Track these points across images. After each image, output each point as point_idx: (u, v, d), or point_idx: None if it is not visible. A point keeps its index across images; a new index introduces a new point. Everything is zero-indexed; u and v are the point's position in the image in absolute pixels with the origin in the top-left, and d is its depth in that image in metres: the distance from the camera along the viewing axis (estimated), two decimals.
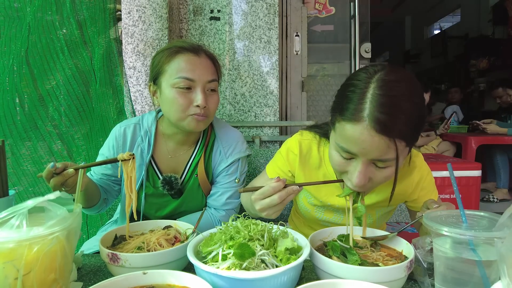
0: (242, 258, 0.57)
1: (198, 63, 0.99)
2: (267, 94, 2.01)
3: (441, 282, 0.58)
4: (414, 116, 0.68)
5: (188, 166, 1.10)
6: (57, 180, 0.79)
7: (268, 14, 1.98)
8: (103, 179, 1.09)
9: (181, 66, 0.98)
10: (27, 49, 1.55)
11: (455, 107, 4.48)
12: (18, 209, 0.52)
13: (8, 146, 1.54)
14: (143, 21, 1.70)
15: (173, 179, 1.08)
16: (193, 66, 0.98)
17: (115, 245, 0.75)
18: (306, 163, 0.95)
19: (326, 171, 0.93)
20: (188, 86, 0.98)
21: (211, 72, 1.02)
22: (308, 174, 0.95)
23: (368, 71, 0.71)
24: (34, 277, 0.51)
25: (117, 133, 1.08)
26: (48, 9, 1.58)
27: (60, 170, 0.79)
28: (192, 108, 0.98)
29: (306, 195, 1.00)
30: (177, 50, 1.00)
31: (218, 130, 1.14)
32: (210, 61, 1.04)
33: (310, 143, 0.95)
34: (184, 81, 0.97)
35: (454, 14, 7.14)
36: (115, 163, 0.82)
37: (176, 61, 0.99)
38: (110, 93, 1.69)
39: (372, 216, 0.97)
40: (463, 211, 0.59)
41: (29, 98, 1.56)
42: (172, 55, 1.00)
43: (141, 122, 1.10)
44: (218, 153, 1.11)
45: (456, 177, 0.66)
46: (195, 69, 0.98)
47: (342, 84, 0.76)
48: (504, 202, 3.44)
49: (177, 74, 0.97)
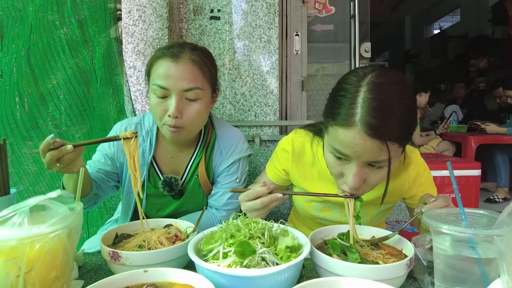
0: (243, 256, 0.57)
1: (174, 71, 0.92)
2: (267, 94, 2.01)
3: (441, 280, 0.58)
4: (405, 118, 0.68)
5: (189, 166, 1.09)
6: (53, 155, 0.76)
7: (268, 13, 1.98)
8: (99, 173, 1.06)
9: (157, 72, 0.93)
10: (28, 48, 1.55)
11: (454, 107, 4.48)
12: (19, 207, 0.53)
13: (9, 145, 1.54)
14: (143, 21, 1.70)
15: (173, 180, 1.07)
16: (168, 74, 0.92)
17: (116, 243, 0.76)
18: (300, 160, 0.96)
19: (320, 168, 0.94)
20: (163, 95, 0.93)
21: (191, 79, 0.93)
22: (302, 171, 0.96)
23: (358, 74, 0.71)
24: (36, 275, 0.51)
25: (118, 131, 1.06)
26: (49, 9, 1.58)
27: (58, 144, 0.77)
28: (166, 117, 0.93)
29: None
30: (160, 54, 0.95)
31: (218, 130, 1.12)
32: (193, 66, 0.94)
33: (303, 140, 0.96)
34: (158, 89, 0.92)
35: (454, 14, 7.15)
36: (117, 141, 0.82)
37: (156, 66, 0.95)
38: (110, 92, 1.69)
39: (369, 214, 0.97)
40: (463, 209, 0.59)
41: (30, 97, 1.56)
42: (155, 59, 0.96)
43: (143, 122, 1.09)
44: (219, 153, 1.10)
45: (456, 177, 0.67)
46: (169, 77, 0.92)
47: (333, 87, 0.77)
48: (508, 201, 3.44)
49: (153, 81, 0.94)
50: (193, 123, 0.96)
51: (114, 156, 1.07)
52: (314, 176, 0.95)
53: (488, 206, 3.34)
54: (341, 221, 0.97)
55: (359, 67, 0.75)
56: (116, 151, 1.07)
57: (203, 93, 0.96)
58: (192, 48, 0.97)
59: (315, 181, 0.95)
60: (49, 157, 0.77)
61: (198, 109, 0.95)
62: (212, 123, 1.14)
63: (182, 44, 0.98)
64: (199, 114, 0.96)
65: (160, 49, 0.98)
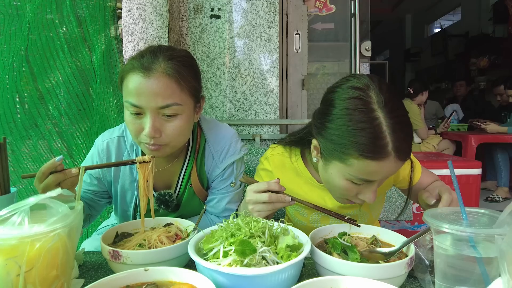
0: (243, 255, 0.57)
1: (145, 87, 0.80)
2: (268, 93, 2.01)
3: (442, 279, 0.58)
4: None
5: (181, 178, 1.01)
6: (57, 177, 0.73)
7: (268, 12, 1.97)
8: (87, 193, 1.00)
9: (128, 88, 0.82)
10: (27, 47, 1.55)
11: (455, 106, 4.48)
12: (20, 206, 0.52)
13: (8, 144, 1.54)
14: (144, 19, 1.70)
15: (167, 197, 0.99)
16: (139, 91, 0.80)
17: (116, 242, 0.75)
18: (283, 174, 0.94)
19: (305, 178, 0.94)
20: (137, 112, 0.82)
21: (166, 95, 0.81)
22: (288, 181, 0.91)
23: (361, 95, 0.69)
24: (36, 274, 0.51)
25: (100, 148, 0.98)
26: (48, 7, 1.58)
27: (60, 168, 0.75)
28: (142, 136, 0.84)
29: (297, 209, 0.99)
30: (130, 67, 0.83)
31: (207, 133, 1.02)
32: (168, 80, 0.82)
33: (281, 157, 0.96)
34: (130, 106, 0.82)
35: (454, 13, 7.13)
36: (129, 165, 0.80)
37: (127, 80, 0.83)
38: (110, 91, 1.69)
39: (367, 212, 0.98)
40: (464, 208, 0.59)
41: (29, 96, 1.56)
42: (126, 72, 0.84)
43: (125, 135, 0.99)
44: (211, 158, 1.01)
45: (456, 175, 0.66)
46: (141, 94, 0.80)
47: (336, 114, 0.72)
48: (509, 201, 3.44)
49: (125, 97, 0.84)
50: (175, 140, 0.87)
51: (100, 175, 1.00)
52: (302, 185, 0.94)
53: (488, 205, 3.34)
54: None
55: (344, 82, 0.74)
56: (101, 170, 0.99)
57: (182, 108, 0.85)
58: (167, 57, 0.83)
59: (303, 189, 0.94)
60: (52, 179, 0.73)
61: (178, 125, 0.84)
62: (200, 126, 1.04)
63: (154, 52, 0.84)
64: (180, 130, 0.85)
65: (131, 58, 0.86)
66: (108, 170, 0.99)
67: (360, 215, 0.97)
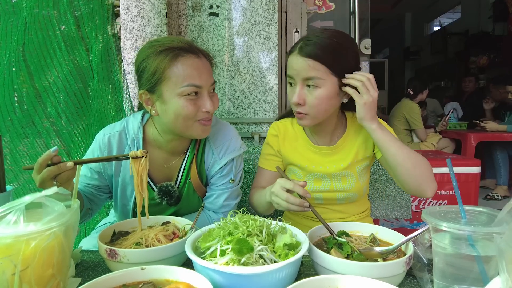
0: (241, 254, 0.56)
1: (202, 67, 0.91)
2: (267, 91, 2.00)
3: (440, 278, 0.58)
4: (332, 47, 0.92)
5: (181, 171, 1.04)
6: (51, 171, 0.73)
7: (267, 10, 1.96)
8: (88, 187, 1.00)
9: (187, 72, 0.88)
10: (23, 45, 1.53)
11: (454, 104, 4.47)
12: (15, 205, 0.52)
13: (5, 142, 1.53)
14: (142, 17, 1.69)
15: (170, 187, 1.01)
16: (199, 71, 0.90)
17: (114, 240, 0.75)
18: (286, 138, 1.13)
19: (302, 140, 1.11)
20: (196, 92, 0.90)
21: (211, 73, 0.95)
22: (289, 146, 1.11)
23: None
24: (32, 273, 0.51)
25: (101, 142, 0.99)
26: (45, 5, 1.56)
27: (57, 160, 0.74)
28: (200, 113, 0.91)
29: (294, 170, 1.11)
30: (177, 52, 0.89)
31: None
32: (207, 60, 0.96)
33: (284, 123, 1.15)
34: (192, 88, 0.88)
35: (454, 11, 7.12)
36: (122, 160, 0.80)
37: (180, 66, 0.88)
38: (108, 89, 1.68)
39: (354, 174, 1.07)
40: (462, 206, 0.59)
41: (26, 94, 1.55)
42: (173, 59, 0.88)
43: (127, 129, 1.00)
44: (211, 154, 1.04)
45: (456, 174, 0.66)
46: (201, 74, 0.90)
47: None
48: (508, 199, 3.44)
49: (183, 82, 0.88)
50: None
51: (101, 170, 1.00)
52: (299, 147, 1.11)
53: (488, 204, 3.34)
54: (332, 188, 1.07)
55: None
56: (102, 164, 1.00)
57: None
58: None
59: (300, 152, 1.10)
60: (47, 173, 0.73)
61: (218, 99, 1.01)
62: None
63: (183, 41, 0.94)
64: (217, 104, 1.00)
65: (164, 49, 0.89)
66: (109, 164, 1.00)
67: (347, 175, 1.07)
